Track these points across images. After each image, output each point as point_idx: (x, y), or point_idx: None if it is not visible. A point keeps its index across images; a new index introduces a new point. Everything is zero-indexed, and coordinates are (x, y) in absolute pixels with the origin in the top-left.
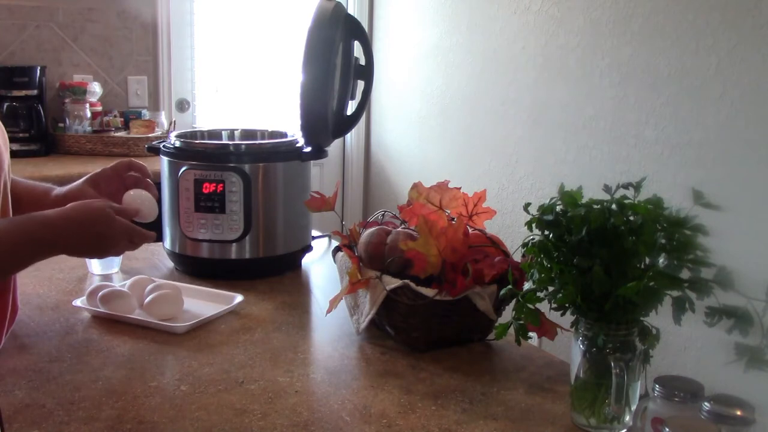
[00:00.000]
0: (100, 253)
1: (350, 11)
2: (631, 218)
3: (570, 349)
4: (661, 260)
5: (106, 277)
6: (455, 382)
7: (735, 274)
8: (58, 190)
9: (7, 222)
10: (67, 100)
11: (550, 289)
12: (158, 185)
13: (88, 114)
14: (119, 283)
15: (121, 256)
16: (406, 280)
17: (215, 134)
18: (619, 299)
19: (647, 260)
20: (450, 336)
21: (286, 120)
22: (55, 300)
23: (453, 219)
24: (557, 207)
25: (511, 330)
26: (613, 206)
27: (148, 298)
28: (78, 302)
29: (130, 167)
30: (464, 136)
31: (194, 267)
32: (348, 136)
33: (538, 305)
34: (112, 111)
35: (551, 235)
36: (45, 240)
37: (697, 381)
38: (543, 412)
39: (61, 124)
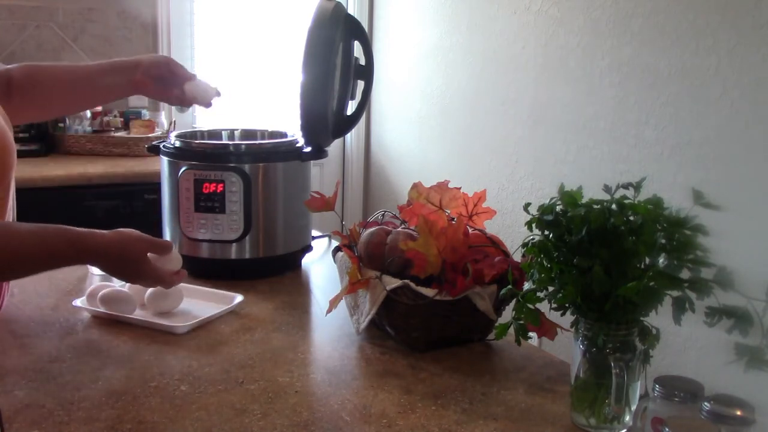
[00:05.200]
0: (126, 281)
1: (350, 11)
2: (631, 218)
3: (570, 349)
4: (661, 260)
5: (106, 277)
6: (455, 382)
7: (735, 274)
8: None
9: (34, 235)
10: None
11: (550, 289)
12: (158, 185)
13: (88, 114)
14: (119, 283)
15: None
16: (406, 280)
17: (215, 134)
18: (619, 299)
19: (647, 260)
20: (450, 336)
21: (286, 120)
22: (55, 300)
23: (453, 219)
24: (557, 207)
25: (511, 330)
26: (613, 206)
27: (148, 293)
28: (78, 302)
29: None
30: (464, 136)
31: (194, 267)
32: (348, 136)
33: (538, 305)
34: (112, 111)
35: (551, 235)
36: (72, 260)
37: (697, 381)
38: (543, 412)
39: (61, 124)
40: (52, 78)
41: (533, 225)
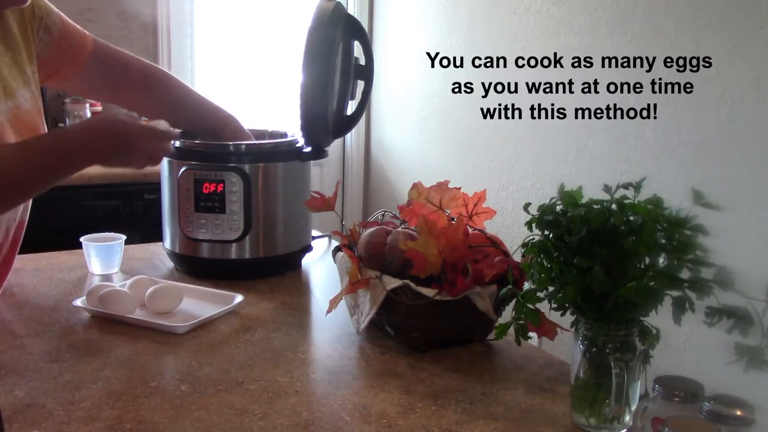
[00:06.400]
0: (125, 155)
1: (350, 11)
2: (631, 218)
3: (570, 349)
4: (661, 260)
5: (106, 277)
6: (455, 382)
7: (735, 274)
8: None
9: (21, 143)
10: (67, 101)
11: (550, 289)
12: (158, 185)
13: (88, 114)
14: (119, 283)
15: (120, 257)
16: (406, 280)
17: None
18: (619, 299)
19: (647, 260)
20: (450, 336)
21: (286, 120)
22: (55, 300)
23: (453, 219)
24: (557, 207)
25: (511, 330)
26: (613, 206)
27: (148, 292)
28: (78, 302)
29: None
30: (464, 136)
31: (194, 267)
32: (348, 136)
33: (538, 305)
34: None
35: (551, 235)
36: (61, 150)
37: (697, 381)
38: (543, 412)
39: (61, 125)
40: (164, 91)
41: (533, 225)
